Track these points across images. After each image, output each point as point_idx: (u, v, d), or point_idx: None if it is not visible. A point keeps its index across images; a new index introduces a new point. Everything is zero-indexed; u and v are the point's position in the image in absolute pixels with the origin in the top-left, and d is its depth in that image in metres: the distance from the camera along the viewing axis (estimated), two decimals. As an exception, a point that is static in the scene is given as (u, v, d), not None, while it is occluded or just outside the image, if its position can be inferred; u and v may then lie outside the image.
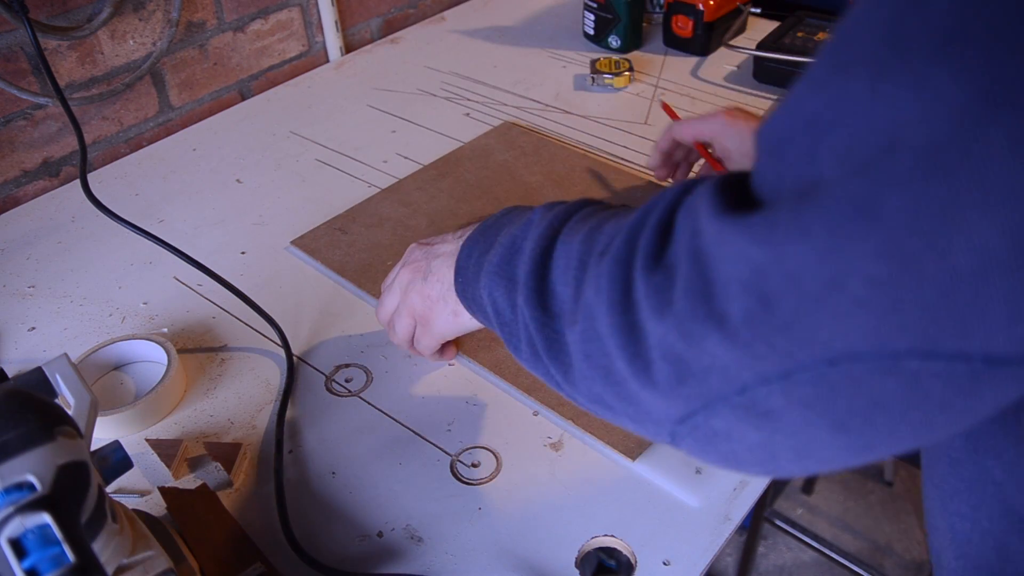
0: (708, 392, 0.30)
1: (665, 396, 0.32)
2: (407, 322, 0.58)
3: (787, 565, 1.55)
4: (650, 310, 0.31)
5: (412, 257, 0.58)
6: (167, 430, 0.61)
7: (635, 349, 0.32)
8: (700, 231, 0.29)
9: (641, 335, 0.32)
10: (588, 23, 1.14)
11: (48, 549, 0.33)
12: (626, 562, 0.51)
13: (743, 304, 0.27)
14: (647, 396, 0.33)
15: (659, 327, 0.31)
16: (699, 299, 0.29)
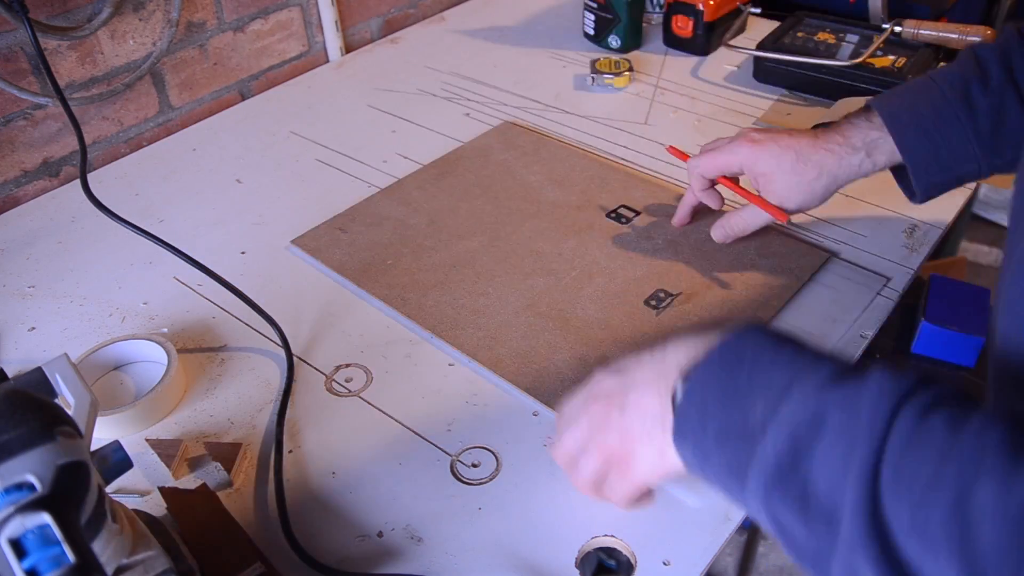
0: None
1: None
2: (596, 464, 0.48)
3: (787, 565, 1.55)
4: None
5: (602, 388, 0.49)
6: (167, 430, 0.61)
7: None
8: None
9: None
10: (588, 23, 1.14)
11: (48, 549, 0.33)
12: (626, 562, 0.51)
13: None
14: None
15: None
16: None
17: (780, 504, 0.36)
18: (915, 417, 0.34)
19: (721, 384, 0.40)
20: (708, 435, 0.40)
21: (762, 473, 0.37)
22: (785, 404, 0.37)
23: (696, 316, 0.68)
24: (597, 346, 0.65)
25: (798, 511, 0.35)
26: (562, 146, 0.91)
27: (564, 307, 0.69)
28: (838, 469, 0.34)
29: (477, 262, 0.74)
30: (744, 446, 0.38)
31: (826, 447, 0.35)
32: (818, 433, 0.35)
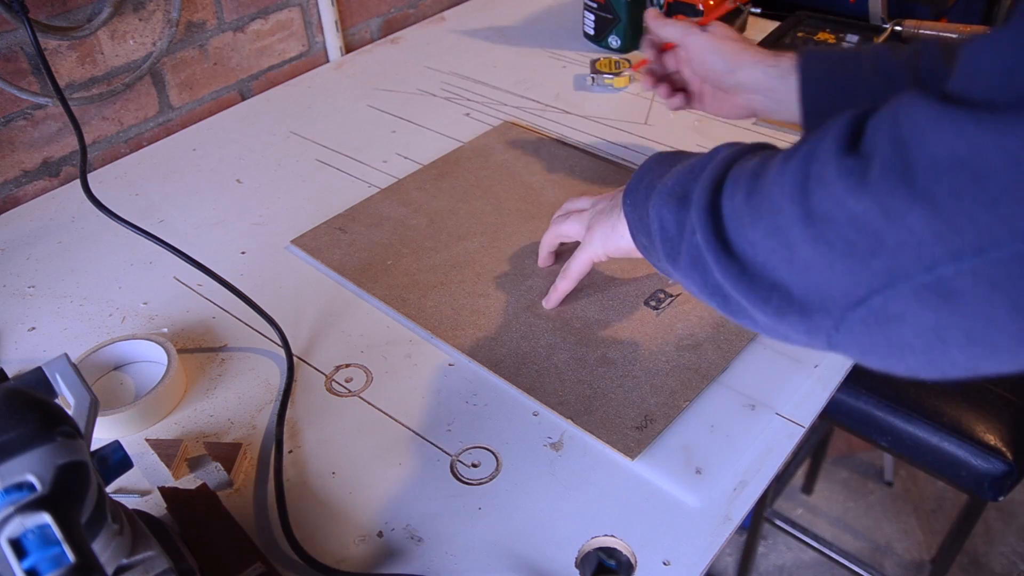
0: (895, 269, 0.32)
1: (851, 271, 0.34)
2: (576, 228, 0.66)
3: (787, 565, 1.55)
4: (845, 190, 0.33)
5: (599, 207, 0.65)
6: (167, 430, 0.61)
7: (820, 231, 0.35)
8: (904, 119, 0.31)
9: (828, 217, 0.34)
10: (588, 23, 1.15)
11: (48, 549, 0.33)
12: (626, 562, 0.51)
13: (953, 180, 0.29)
14: (832, 275, 0.35)
15: (856, 204, 0.33)
16: (901, 177, 0.31)
17: (667, 207, 0.48)
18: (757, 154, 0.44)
19: (659, 164, 0.55)
20: (640, 188, 0.54)
21: (663, 189, 0.50)
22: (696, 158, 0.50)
23: (696, 316, 0.68)
24: (597, 347, 0.65)
25: (677, 206, 0.48)
26: (562, 146, 0.91)
27: (564, 308, 0.69)
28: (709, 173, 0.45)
29: (477, 262, 0.74)
30: (659, 182, 0.52)
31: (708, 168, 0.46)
32: (708, 163, 0.47)
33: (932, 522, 1.60)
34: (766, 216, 0.39)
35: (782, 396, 0.62)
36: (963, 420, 0.99)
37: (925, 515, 1.62)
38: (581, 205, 0.68)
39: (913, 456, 1.03)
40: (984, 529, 1.59)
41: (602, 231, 0.62)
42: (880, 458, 1.71)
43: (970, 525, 1.14)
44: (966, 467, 0.98)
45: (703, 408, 0.61)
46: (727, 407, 0.61)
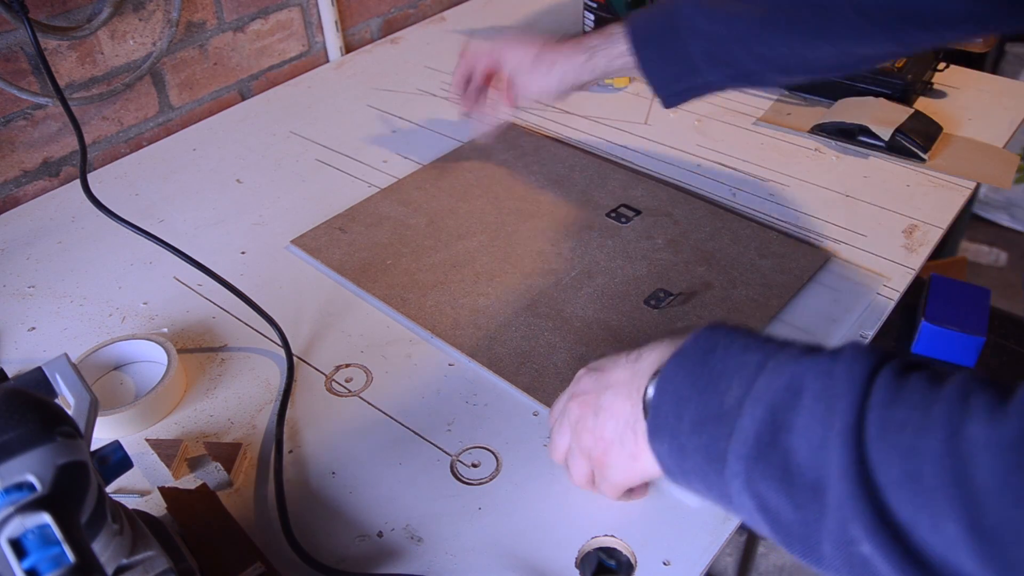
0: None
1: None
2: (583, 464, 0.50)
3: (787, 565, 1.55)
4: None
5: (580, 387, 0.50)
6: (167, 430, 0.61)
7: None
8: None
9: None
10: (588, 23, 1.14)
11: (48, 549, 0.33)
12: (626, 562, 0.51)
13: None
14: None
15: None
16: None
17: (763, 482, 0.35)
18: (893, 375, 0.33)
19: (694, 373, 0.40)
20: (683, 425, 0.39)
21: (742, 450, 0.36)
22: (761, 378, 0.36)
23: (695, 315, 0.68)
24: (597, 346, 0.65)
25: (782, 485, 0.34)
26: (562, 146, 0.91)
27: (564, 307, 0.69)
28: (819, 433, 0.33)
29: (477, 262, 0.74)
30: (722, 427, 0.37)
31: (805, 414, 0.34)
32: (796, 401, 0.34)
33: (932, 522, 1.60)
34: None
35: (782, 396, 0.62)
36: (963, 420, 0.99)
37: (925, 515, 1.62)
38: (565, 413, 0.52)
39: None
40: (984, 529, 1.58)
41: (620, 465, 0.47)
42: (880, 458, 1.70)
43: (970, 525, 1.14)
44: (966, 467, 0.98)
45: (703, 408, 0.61)
46: (727, 407, 0.61)
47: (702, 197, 0.83)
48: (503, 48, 0.79)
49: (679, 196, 0.82)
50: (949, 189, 0.84)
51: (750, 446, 0.35)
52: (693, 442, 0.39)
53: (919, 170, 0.87)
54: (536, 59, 0.77)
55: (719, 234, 0.77)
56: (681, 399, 0.40)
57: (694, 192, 0.83)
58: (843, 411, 0.33)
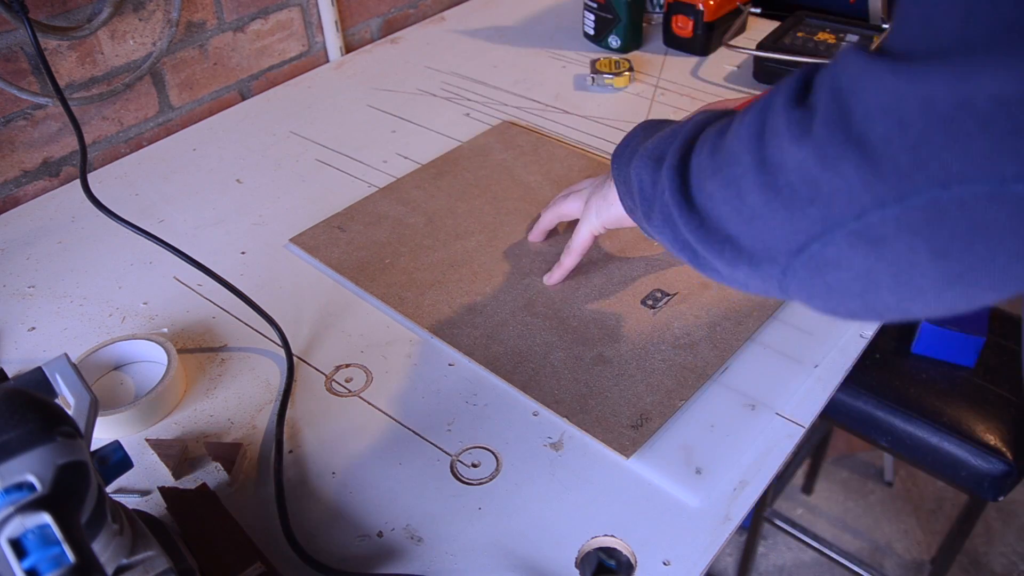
0: (829, 216, 0.34)
1: (792, 219, 0.36)
2: (576, 205, 0.70)
3: (787, 565, 1.55)
4: (791, 138, 0.35)
5: (577, 187, 0.72)
6: (167, 430, 0.61)
7: (768, 178, 0.37)
8: (841, 73, 0.33)
9: (775, 165, 0.36)
10: (588, 23, 1.15)
11: (48, 549, 0.33)
12: (626, 562, 0.51)
13: (882, 127, 0.31)
14: (774, 224, 0.37)
15: (799, 152, 0.34)
16: (839, 126, 0.32)
17: (645, 169, 0.50)
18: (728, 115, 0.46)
19: (644, 130, 0.57)
20: (624, 156, 0.56)
21: (643, 153, 0.52)
22: (679, 124, 0.51)
23: (692, 316, 0.68)
24: (593, 346, 0.65)
25: (653, 167, 0.50)
26: (561, 146, 0.91)
27: (561, 307, 0.69)
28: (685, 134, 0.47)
29: (475, 261, 0.74)
30: (641, 147, 0.53)
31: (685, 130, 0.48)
32: (685, 125, 0.49)
33: (932, 522, 1.61)
34: (724, 168, 0.41)
35: (782, 396, 0.62)
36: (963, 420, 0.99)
37: (925, 515, 1.62)
38: (581, 185, 0.72)
39: (913, 456, 1.03)
40: (984, 529, 1.59)
41: (597, 203, 0.66)
42: (880, 458, 1.71)
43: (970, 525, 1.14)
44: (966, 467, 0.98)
45: (703, 408, 0.61)
46: (727, 407, 0.61)
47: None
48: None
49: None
50: (949, 189, 0.84)
51: (648, 148, 0.51)
52: (624, 163, 0.56)
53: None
54: None
55: (719, 234, 0.77)
56: (629, 141, 0.57)
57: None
58: (701, 120, 0.47)
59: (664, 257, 0.74)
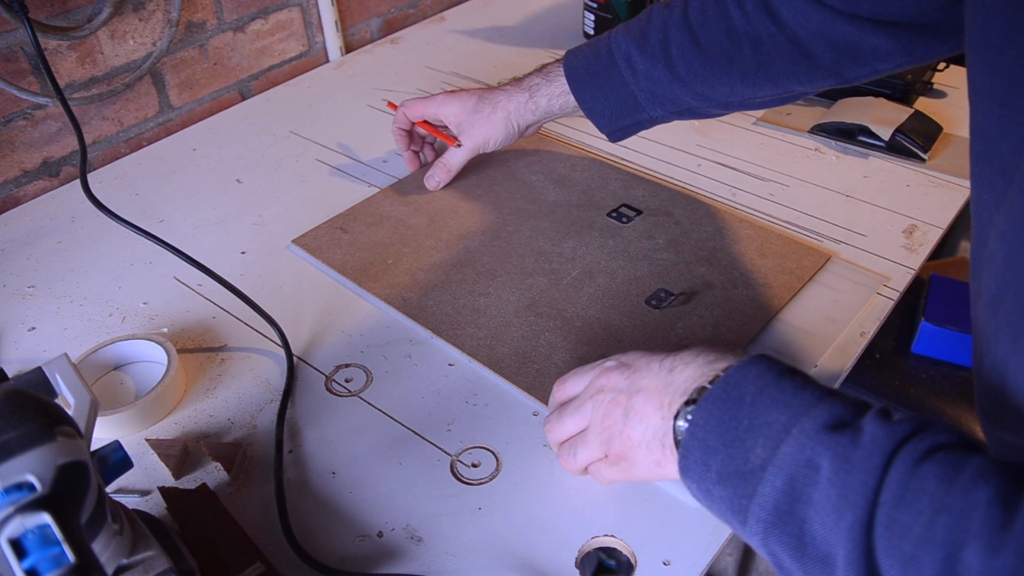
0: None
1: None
2: (596, 455, 0.51)
3: (787, 565, 1.54)
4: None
5: (611, 382, 0.50)
6: (167, 430, 0.61)
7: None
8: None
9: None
10: (588, 23, 1.15)
11: (48, 549, 0.33)
12: (626, 562, 0.51)
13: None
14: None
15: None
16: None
17: (777, 545, 0.38)
18: (909, 466, 0.35)
19: (723, 423, 0.42)
20: (711, 474, 0.42)
21: (761, 513, 0.39)
22: (784, 446, 0.39)
23: (696, 316, 0.68)
24: (598, 346, 0.65)
25: (795, 552, 0.37)
26: (563, 146, 0.91)
27: (565, 307, 0.69)
28: (832, 516, 0.36)
29: (478, 262, 0.74)
30: (746, 486, 0.40)
31: (821, 494, 0.36)
32: (816, 476, 0.37)
33: (932, 522, 1.60)
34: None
35: (782, 396, 0.62)
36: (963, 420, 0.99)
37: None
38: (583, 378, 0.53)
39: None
40: (984, 529, 1.58)
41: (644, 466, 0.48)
42: (880, 458, 1.70)
43: (970, 525, 1.14)
44: (966, 467, 0.98)
45: (703, 408, 0.61)
46: (727, 407, 0.61)
47: (703, 197, 0.83)
48: (440, 101, 0.80)
49: (680, 196, 0.82)
50: (949, 189, 0.84)
51: (768, 511, 0.38)
52: (718, 491, 0.41)
53: (919, 170, 0.87)
54: (477, 104, 0.79)
55: (720, 234, 0.77)
56: (709, 449, 0.42)
57: (695, 192, 0.83)
58: (854, 504, 0.35)
59: (668, 257, 0.74)
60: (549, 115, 0.78)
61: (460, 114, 0.80)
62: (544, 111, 0.78)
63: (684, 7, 0.69)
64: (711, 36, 0.67)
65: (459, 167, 0.83)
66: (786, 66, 0.66)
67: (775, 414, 0.40)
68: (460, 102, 0.80)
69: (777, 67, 0.66)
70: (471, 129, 0.80)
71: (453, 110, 0.80)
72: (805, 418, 0.39)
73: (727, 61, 0.67)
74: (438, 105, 0.81)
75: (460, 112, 0.80)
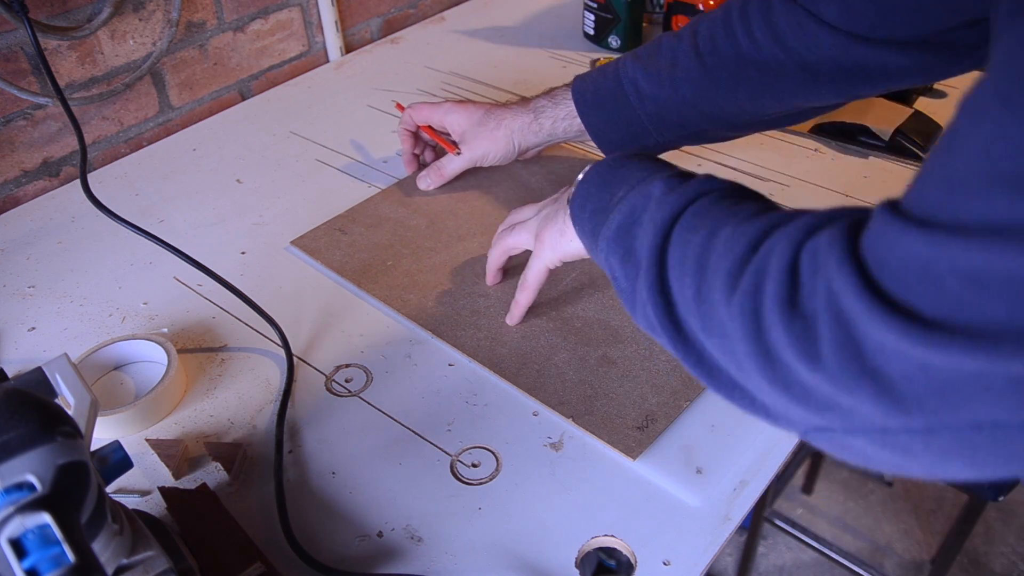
0: (849, 422, 0.33)
1: (807, 412, 0.35)
2: (526, 237, 0.65)
3: (787, 565, 1.55)
4: (796, 357, 0.33)
5: (521, 215, 0.68)
6: (167, 430, 0.61)
7: (775, 375, 0.35)
8: (840, 294, 0.31)
9: (783, 365, 0.34)
10: (588, 23, 1.15)
11: (48, 549, 0.33)
12: (626, 562, 0.51)
13: (899, 368, 0.30)
14: (787, 408, 0.36)
15: (810, 376, 0.33)
16: (850, 356, 0.31)
17: (614, 257, 0.49)
18: (712, 198, 0.45)
19: (602, 175, 0.54)
20: (586, 213, 0.54)
21: (608, 232, 0.50)
22: (638, 186, 0.50)
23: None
24: (598, 346, 0.65)
25: (623, 263, 0.48)
26: (562, 146, 0.91)
27: (564, 307, 0.69)
28: (648, 229, 0.46)
29: (477, 263, 0.74)
30: (603, 216, 0.51)
31: (648, 215, 0.47)
32: (647, 205, 0.47)
33: (932, 522, 1.60)
34: (719, 335, 0.39)
35: (782, 396, 0.62)
36: (963, 420, 0.99)
37: (925, 515, 1.62)
38: (525, 215, 0.67)
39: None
40: (984, 529, 1.59)
41: (551, 237, 0.61)
42: (880, 458, 1.71)
43: (970, 525, 1.14)
44: (966, 467, 0.98)
45: (703, 408, 0.61)
46: (727, 407, 0.61)
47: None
48: (447, 109, 0.81)
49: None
50: (949, 189, 0.84)
51: (613, 231, 0.49)
52: (588, 225, 0.53)
53: (919, 170, 0.87)
54: (483, 118, 0.79)
55: (719, 234, 0.77)
56: (589, 195, 0.54)
57: (694, 192, 0.83)
58: (662, 220, 0.45)
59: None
60: (552, 138, 0.79)
61: (464, 124, 0.80)
62: (548, 133, 0.78)
63: (693, 34, 0.69)
64: (718, 60, 0.66)
65: (453, 175, 0.83)
66: (795, 87, 0.65)
67: (638, 172, 0.51)
68: (466, 113, 0.80)
69: (786, 88, 0.66)
70: (473, 141, 0.80)
71: (458, 119, 0.81)
72: (660, 173, 0.50)
73: (734, 83, 0.67)
74: (444, 112, 0.81)
75: (465, 122, 0.80)
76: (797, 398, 0.35)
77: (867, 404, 0.31)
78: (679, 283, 0.42)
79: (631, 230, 0.47)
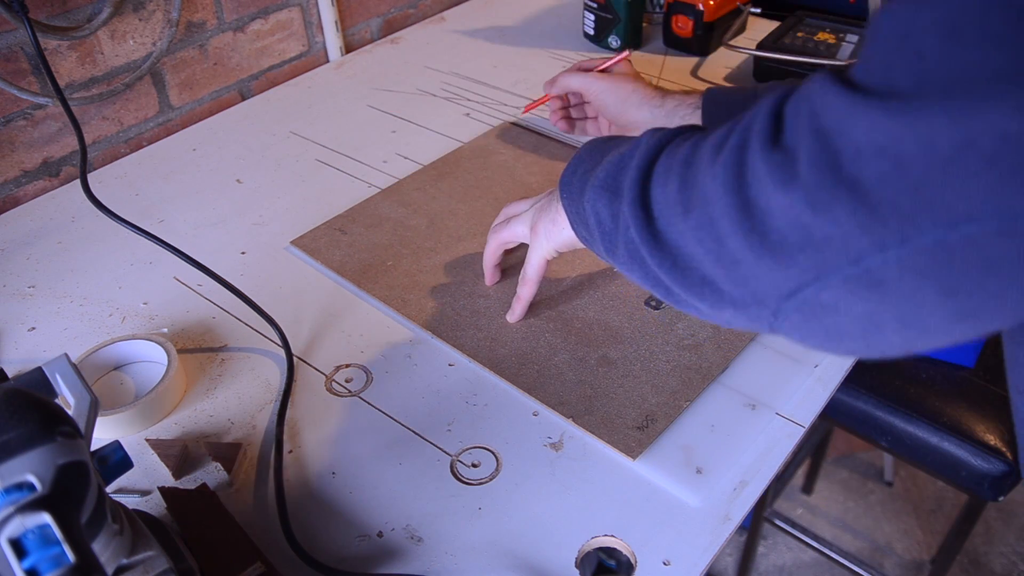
0: (823, 262, 0.33)
1: (780, 266, 0.35)
2: (522, 229, 0.65)
3: (787, 565, 1.55)
4: (775, 183, 0.33)
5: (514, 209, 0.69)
6: (167, 430, 0.61)
7: (752, 224, 0.35)
8: (821, 111, 0.32)
9: (759, 210, 0.35)
10: (588, 23, 1.15)
11: (48, 549, 0.33)
12: (626, 562, 0.51)
13: (876, 168, 0.29)
14: (760, 270, 0.36)
15: (785, 198, 0.33)
16: (827, 169, 0.31)
17: (600, 201, 0.49)
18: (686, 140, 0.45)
19: (592, 151, 0.55)
20: (576, 179, 0.55)
21: (596, 181, 0.50)
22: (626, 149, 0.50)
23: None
24: (598, 347, 0.65)
25: (609, 202, 0.48)
26: (562, 146, 0.91)
27: (564, 308, 0.69)
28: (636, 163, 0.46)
29: (477, 263, 0.74)
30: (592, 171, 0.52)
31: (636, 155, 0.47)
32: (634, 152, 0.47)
33: (932, 522, 1.60)
34: (698, 207, 0.39)
35: (782, 396, 0.62)
36: (963, 420, 0.99)
37: (925, 515, 1.62)
38: (520, 208, 0.68)
39: (913, 456, 1.03)
40: (984, 529, 1.59)
41: (545, 227, 0.62)
42: (880, 458, 1.71)
43: (970, 525, 1.14)
44: (966, 467, 0.98)
45: (703, 408, 0.61)
46: (727, 407, 0.61)
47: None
48: (598, 79, 0.83)
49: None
50: (949, 189, 0.84)
51: (601, 180, 0.50)
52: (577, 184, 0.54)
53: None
54: (631, 94, 0.81)
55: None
56: (580, 161, 0.55)
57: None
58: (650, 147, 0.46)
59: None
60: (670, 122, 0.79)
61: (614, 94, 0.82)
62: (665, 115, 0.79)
63: None
64: None
65: None
66: None
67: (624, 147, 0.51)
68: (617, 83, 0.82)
69: None
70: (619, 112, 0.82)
71: (609, 89, 0.82)
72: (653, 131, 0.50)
73: None
74: (596, 80, 0.83)
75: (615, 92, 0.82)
76: (771, 250, 0.34)
77: (843, 221, 0.31)
78: (662, 189, 0.43)
79: (619, 174, 0.48)
